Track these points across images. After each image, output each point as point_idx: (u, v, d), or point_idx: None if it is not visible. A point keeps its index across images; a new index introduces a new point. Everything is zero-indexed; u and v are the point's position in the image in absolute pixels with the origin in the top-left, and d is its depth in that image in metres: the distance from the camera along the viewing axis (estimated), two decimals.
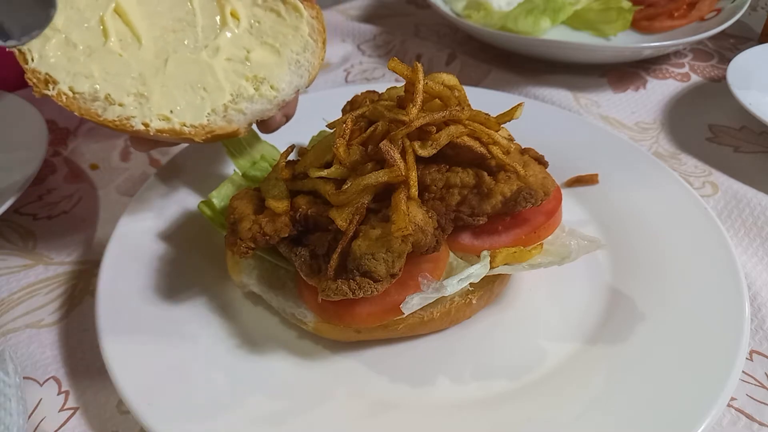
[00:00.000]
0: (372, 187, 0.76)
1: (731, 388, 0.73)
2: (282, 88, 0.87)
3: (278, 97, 0.87)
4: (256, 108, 0.85)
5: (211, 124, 0.81)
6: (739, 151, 1.25)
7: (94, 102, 0.76)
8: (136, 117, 0.77)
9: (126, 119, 0.76)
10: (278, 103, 0.87)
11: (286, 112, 0.94)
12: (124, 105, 0.77)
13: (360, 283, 0.72)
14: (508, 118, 0.85)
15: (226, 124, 0.82)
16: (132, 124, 0.76)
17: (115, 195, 1.16)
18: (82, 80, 0.76)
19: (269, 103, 0.86)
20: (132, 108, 0.77)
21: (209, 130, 0.80)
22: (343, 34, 1.72)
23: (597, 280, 0.93)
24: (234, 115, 0.83)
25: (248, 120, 0.85)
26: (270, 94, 0.85)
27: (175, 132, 0.78)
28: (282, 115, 0.92)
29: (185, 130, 0.79)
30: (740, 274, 0.86)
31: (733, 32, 1.67)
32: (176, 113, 0.79)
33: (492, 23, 1.51)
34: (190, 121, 0.79)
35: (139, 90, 0.78)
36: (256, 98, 0.85)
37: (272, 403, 0.76)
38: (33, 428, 0.78)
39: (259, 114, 0.86)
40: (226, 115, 0.82)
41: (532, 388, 0.78)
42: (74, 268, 1.01)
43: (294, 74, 0.88)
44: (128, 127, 0.76)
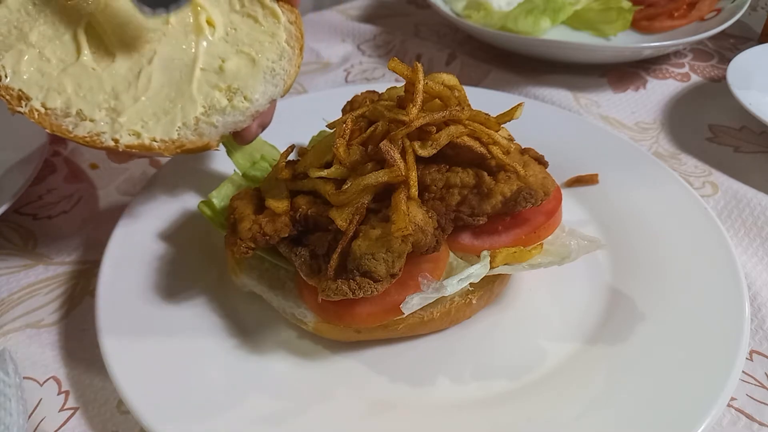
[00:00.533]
0: (372, 187, 0.76)
1: (731, 388, 0.73)
2: (256, 99, 0.85)
3: (251, 108, 0.85)
4: (229, 120, 0.83)
5: (182, 138, 0.80)
6: (739, 151, 1.25)
7: (65, 118, 0.75)
8: (106, 133, 0.76)
9: (96, 135, 0.76)
10: (252, 114, 0.85)
11: (262, 121, 0.91)
12: (95, 121, 0.76)
13: (360, 283, 0.72)
14: (508, 118, 0.85)
15: (197, 137, 0.81)
16: (102, 140, 0.76)
17: (115, 195, 1.16)
18: (54, 96, 0.75)
19: (242, 114, 0.84)
20: (102, 124, 0.76)
21: (179, 145, 0.79)
22: (343, 34, 1.72)
23: (597, 280, 0.93)
24: (205, 128, 0.81)
25: (220, 133, 0.83)
26: (243, 106, 0.83)
27: (144, 147, 0.77)
28: (257, 125, 0.90)
29: (155, 146, 0.78)
30: (740, 274, 0.86)
31: (733, 32, 1.67)
32: (147, 128, 0.78)
33: (492, 23, 1.51)
34: (160, 135, 0.79)
35: (111, 105, 0.77)
36: (229, 110, 0.83)
37: (272, 403, 0.76)
38: (33, 428, 0.78)
39: (232, 126, 0.84)
40: (197, 129, 0.81)
41: (532, 388, 0.78)
42: (74, 268, 1.01)
43: (269, 84, 0.86)
44: (98, 144, 0.76)
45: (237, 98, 0.83)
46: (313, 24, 1.76)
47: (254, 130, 0.90)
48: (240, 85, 0.84)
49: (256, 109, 0.85)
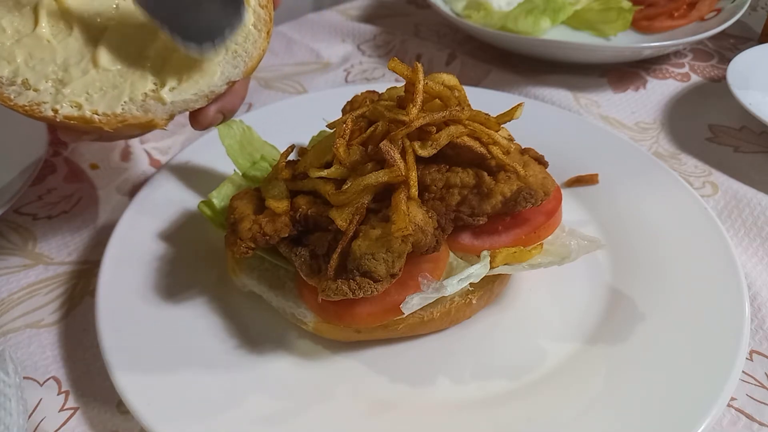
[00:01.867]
0: (372, 187, 0.76)
1: (731, 388, 0.73)
2: (211, 79, 0.79)
3: (205, 89, 0.79)
4: (179, 99, 0.78)
5: (125, 113, 0.76)
6: (739, 151, 1.25)
7: (9, 86, 0.74)
8: (47, 103, 0.74)
9: (37, 105, 0.74)
10: (206, 94, 0.80)
11: (222, 107, 0.84)
12: (39, 91, 0.74)
13: (360, 283, 0.72)
14: (508, 118, 0.85)
15: (142, 113, 0.77)
16: (42, 110, 0.74)
17: (115, 195, 1.16)
18: (3, 64, 0.74)
19: (195, 94, 0.79)
20: (46, 94, 0.75)
21: (121, 119, 0.76)
22: (343, 34, 1.72)
23: (597, 280, 0.93)
24: (152, 105, 0.77)
25: (169, 111, 0.79)
26: (197, 85, 0.79)
27: (84, 119, 0.75)
28: (216, 110, 0.83)
29: (95, 119, 0.75)
30: (740, 274, 0.86)
31: (733, 32, 1.67)
32: (90, 101, 0.75)
33: (492, 23, 1.51)
34: (102, 109, 0.76)
35: (59, 77, 0.75)
36: (181, 88, 0.78)
37: (272, 403, 0.76)
38: (33, 428, 0.78)
39: (183, 106, 0.79)
40: (144, 105, 0.77)
41: (532, 388, 0.78)
42: (74, 268, 1.01)
43: (228, 64, 0.80)
44: (37, 113, 0.74)
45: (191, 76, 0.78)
46: (313, 24, 1.76)
47: (211, 115, 0.83)
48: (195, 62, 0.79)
49: (211, 89, 0.80)
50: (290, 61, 1.60)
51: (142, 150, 1.27)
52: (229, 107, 0.85)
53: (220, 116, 0.85)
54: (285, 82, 1.51)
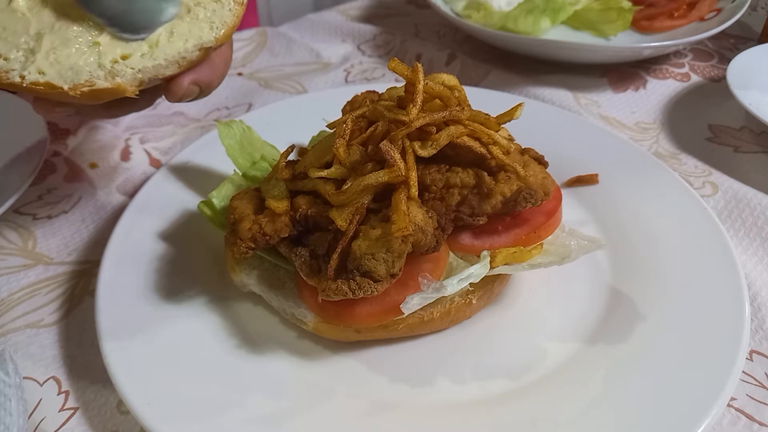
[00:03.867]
0: (372, 187, 0.76)
1: (731, 388, 0.73)
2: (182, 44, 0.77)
3: (176, 54, 0.77)
4: (147, 65, 0.76)
5: (93, 79, 0.74)
6: (739, 151, 1.25)
7: None
8: (15, 70, 0.73)
9: (5, 72, 0.73)
10: (176, 60, 0.77)
11: (197, 78, 0.80)
12: (9, 59, 0.74)
13: (360, 283, 0.72)
14: (508, 118, 0.85)
15: (110, 79, 0.75)
16: (9, 77, 0.73)
17: (115, 195, 1.16)
18: None
19: (164, 59, 0.76)
20: (15, 62, 0.74)
21: (89, 85, 0.74)
22: (343, 34, 1.72)
23: (597, 280, 0.93)
24: (120, 69, 0.75)
25: (137, 78, 0.76)
26: (166, 49, 0.76)
27: (50, 85, 0.73)
28: (191, 81, 0.79)
29: (62, 85, 0.73)
30: (740, 274, 0.86)
31: (733, 32, 1.67)
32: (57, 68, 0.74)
33: (492, 23, 1.51)
34: (71, 76, 0.74)
35: (30, 46, 0.75)
36: (150, 54, 0.76)
37: (272, 403, 0.76)
38: (33, 428, 0.78)
39: (152, 71, 0.76)
40: (112, 71, 0.75)
41: (532, 388, 0.78)
42: (74, 268, 1.01)
43: (200, 30, 0.78)
44: (4, 80, 0.73)
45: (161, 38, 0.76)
46: (313, 24, 1.76)
47: (185, 86, 0.79)
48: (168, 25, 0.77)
49: (182, 55, 0.77)
50: (290, 61, 1.60)
51: (142, 150, 1.27)
52: (205, 80, 0.81)
53: (196, 89, 0.81)
54: (285, 82, 1.51)
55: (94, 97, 0.76)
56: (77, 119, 1.35)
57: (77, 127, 1.33)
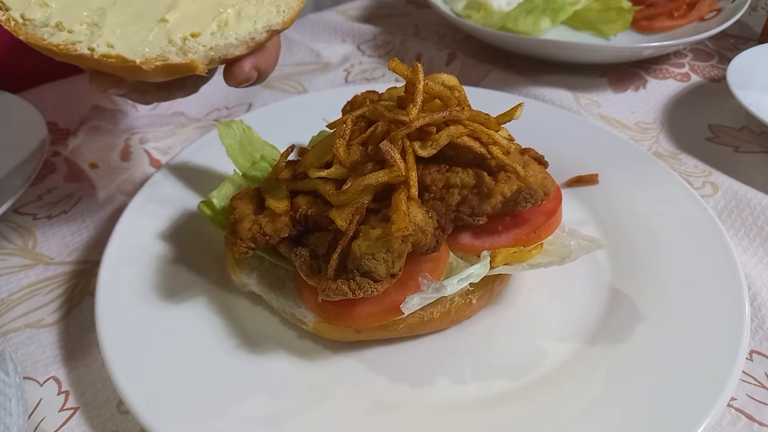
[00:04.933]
0: (372, 187, 0.76)
1: (731, 388, 0.73)
2: (251, 24, 0.78)
3: (246, 33, 0.78)
4: (219, 43, 0.77)
5: (165, 54, 0.75)
6: (739, 151, 1.25)
7: (42, 28, 0.74)
8: (82, 42, 0.73)
9: (71, 44, 0.73)
10: (246, 41, 0.78)
11: (257, 63, 0.81)
12: (74, 32, 0.74)
13: (360, 283, 0.72)
14: (508, 118, 0.85)
15: (182, 55, 0.76)
16: (77, 48, 0.73)
17: (116, 195, 1.16)
18: (35, 9, 0.74)
19: (235, 38, 0.77)
20: (81, 35, 0.74)
21: (162, 59, 0.74)
22: (343, 34, 1.72)
23: (597, 280, 0.93)
24: (192, 46, 0.76)
25: (208, 55, 0.77)
26: (236, 29, 0.78)
27: (122, 59, 0.73)
28: (251, 66, 0.81)
29: (134, 58, 0.73)
30: (740, 274, 0.86)
31: (733, 32, 1.67)
32: (126, 43, 0.74)
33: (492, 23, 1.51)
34: (141, 50, 0.74)
35: (94, 20, 0.75)
36: (222, 32, 0.77)
37: (272, 403, 0.76)
38: (33, 428, 0.78)
39: (223, 50, 0.77)
40: (183, 47, 0.76)
41: (532, 388, 0.78)
42: (74, 268, 1.01)
43: (269, 12, 0.79)
44: (72, 51, 0.73)
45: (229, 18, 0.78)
46: (313, 24, 1.76)
47: (246, 70, 0.81)
48: (235, 6, 0.79)
49: (252, 36, 0.78)
50: (290, 61, 1.60)
51: (142, 150, 1.27)
52: (263, 66, 0.83)
53: (255, 73, 0.83)
54: (285, 82, 1.51)
55: (165, 72, 0.76)
56: (81, 119, 1.35)
57: (77, 127, 1.33)
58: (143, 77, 0.77)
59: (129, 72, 0.75)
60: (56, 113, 1.35)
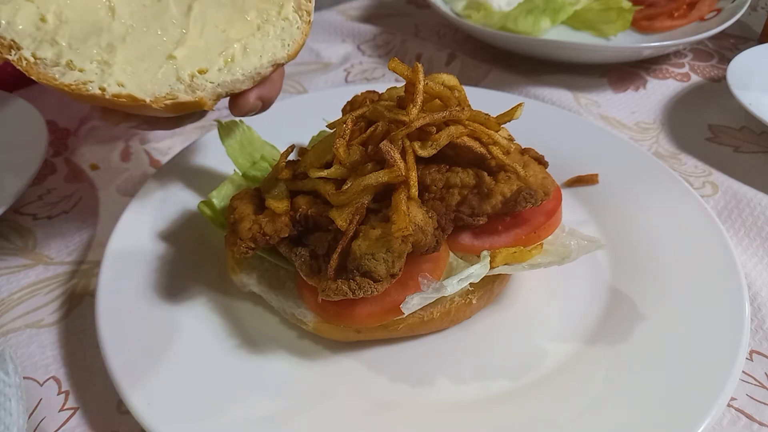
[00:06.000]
0: (372, 187, 0.76)
1: (731, 388, 0.73)
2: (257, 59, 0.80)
3: (251, 69, 0.80)
4: (227, 79, 0.79)
5: (174, 92, 0.76)
6: (739, 151, 1.25)
7: (54, 67, 0.74)
8: (93, 82, 0.74)
9: (83, 84, 0.74)
10: (252, 76, 0.80)
11: (261, 94, 0.84)
12: (85, 71, 0.75)
13: (360, 283, 0.72)
14: (508, 118, 0.85)
15: (191, 92, 0.77)
16: (88, 88, 0.74)
17: (115, 195, 1.16)
18: (46, 47, 0.74)
19: (242, 74, 0.79)
20: (92, 74, 0.75)
21: (171, 97, 0.76)
22: (343, 34, 1.72)
23: (597, 280, 0.93)
24: (200, 83, 0.77)
25: (216, 92, 0.79)
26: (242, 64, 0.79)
27: (132, 98, 0.74)
28: (256, 97, 0.83)
29: (144, 97, 0.75)
30: (740, 274, 0.86)
31: (733, 32, 1.67)
32: (137, 81, 0.76)
33: (492, 23, 1.51)
34: (151, 88, 0.76)
35: (104, 58, 0.75)
36: (228, 68, 0.79)
37: (272, 403, 0.76)
38: (33, 428, 0.78)
39: (230, 86, 0.79)
40: (192, 84, 0.77)
41: (532, 388, 0.78)
42: (74, 268, 1.01)
43: (274, 46, 0.81)
44: (84, 92, 0.74)
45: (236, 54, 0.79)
46: (313, 24, 1.75)
47: (252, 101, 0.83)
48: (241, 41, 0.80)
49: (257, 71, 0.80)
50: (290, 61, 1.60)
51: (142, 150, 1.27)
52: (267, 95, 0.86)
53: (259, 103, 0.85)
54: (285, 82, 1.50)
55: (174, 109, 0.77)
56: (80, 122, 1.35)
57: (77, 126, 1.33)
58: (152, 113, 0.78)
59: (139, 109, 0.77)
60: (56, 112, 1.35)
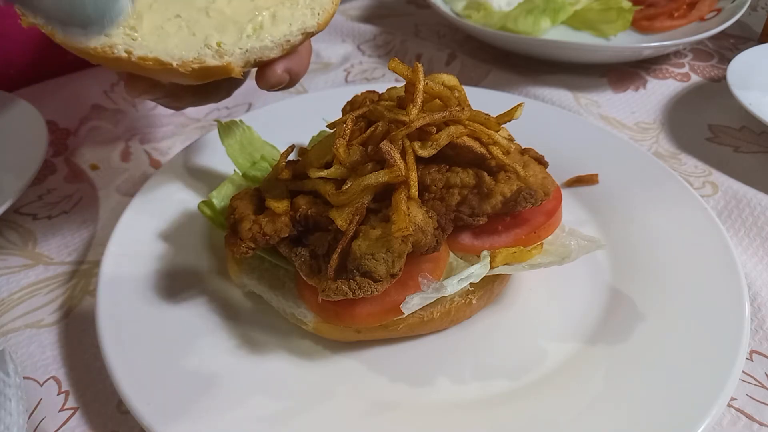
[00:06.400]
0: (372, 187, 0.76)
1: (731, 388, 0.73)
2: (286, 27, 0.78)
3: (281, 36, 0.78)
4: (255, 45, 0.77)
5: (201, 57, 0.75)
6: (739, 151, 1.25)
7: None
8: (119, 45, 0.72)
9: (109, 47, 0.72)
10: (281, 43, 0.78)
11: (290, 67, 0.81)
12: (110, 35, 0.73)
13: (360, 283, 0.72)
14: (508, 118, 0.85)
15: (218, 58, 0.76)
16: (114, 51, 0.72)
17: (115, 195, 1.16)
18: None
19: (271, 40, 0.77)
20: (117, 38, 0.73)
21: (199, 62, 0.75)
22: (343, 34, 1.72)
23: (597, 280, 0.93)
24: (228, 49, 0.76)
25: (244, 58, 0.77)
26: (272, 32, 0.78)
27: (159, 62, 0.73)
28: (284, 69, 0.80)
29: (171, 61, 0.74)
30: (740, 274, 0.86)
31: (733, 32, 1.67)
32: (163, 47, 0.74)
33: (492, 23, 1.51)
34: (178, 53, 0.74)
35: (131, 24, 0.74)
36: (257, 35, 0.77)
37: (272, 403, 0.76)
38: (33, 428, 0.78)
39: (258, 53, 0.77)
40: (219, 51, 0.76)
41: (532, 388, 0.78)
42: (74, 268, 1.01)
43: (304, 15, 0.79)
44: (109, 54, 0.72)
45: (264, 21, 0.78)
46: None
47: (279, 73, 0.80)
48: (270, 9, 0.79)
49: (287, 38, 0.78)
50: None
51: (142, 150, 1.27)
52: (295, 68, 0.82)
53: (287, 76, 0.82)
54: None
55: (201, 75, 0.76)
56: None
57: (77, 126, 1.33)
58: (179, 80, 0.77)
59: (165, 74, 0.75)
60: (56, 112, 1.35)
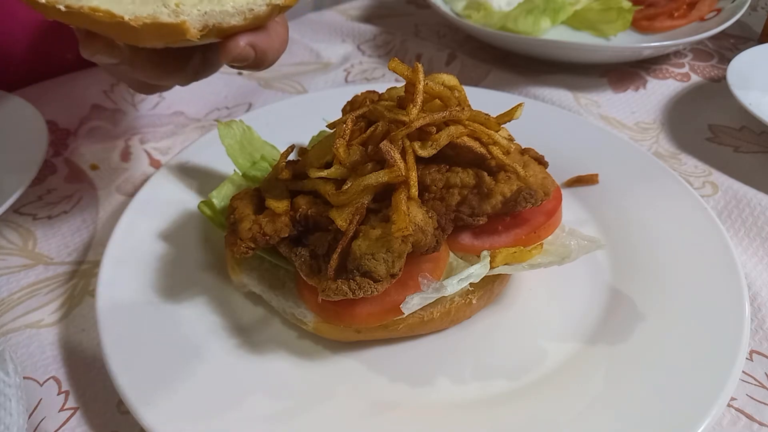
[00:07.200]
0: (372, 187, 0.76)
1: (731, 388, 0.73)
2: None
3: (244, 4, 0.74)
4: (215, 9, 0.73)
5: (156, 13, 0.72)
6: (739, 151, 1.25)
7: None
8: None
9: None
10: (243, 11, 0.74)
11: (255, 42, 0.76)
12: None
13: (360, 283, 0.72)
14: (508, 118, 0.85)
15: (175, 16, 0.72)
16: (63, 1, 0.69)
17: (115, 195, 1.16)
18: None
19: (233, 7, 0.73)
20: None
21: (152, 18, 0.71)
22: (343, 34, 1.72)
23: (597, 280, 0.93)
24: (185, 10, 0.73)
25: (202, 21, 0.73)
26: None
27: (110, 14, 0.70)
28: (247, 43, 0.75)
29: (123, 15, 0.70)
30: (740, 274, 0.86)
31: (733, 32, 1.67)
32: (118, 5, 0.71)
33: (492, 23, 1.51)
34: (131, 9, 0.71)
35: None
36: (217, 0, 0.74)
37: (272, 403, 0.76)
38: (33, 428, 0.78)
39: (218, 17, 0.74)
40: (176, 10, 0.72)
41: (532, 388, 0.78)
42: (74, 268, 1.01)
43: None
44: (60, 2, 0.69)
45: None
46: (313, 24, 1.76)
47: (242, 45, 0.75)
48: None
49: (250, 7, 0.74)
50: (290, 61, 1.60)
51: (142, 150, 1.27)
52: (261, 45, 0.77)
53: (251, 51, 0.77)
54: (285, 82, 1.51)
55: (156, 33, 0.73)
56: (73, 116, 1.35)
57: (77, 126, 1.33)
58: (135, 41, 0.74)
59: (119, 32, 0.73)
60: (56, 112, 1.35)
